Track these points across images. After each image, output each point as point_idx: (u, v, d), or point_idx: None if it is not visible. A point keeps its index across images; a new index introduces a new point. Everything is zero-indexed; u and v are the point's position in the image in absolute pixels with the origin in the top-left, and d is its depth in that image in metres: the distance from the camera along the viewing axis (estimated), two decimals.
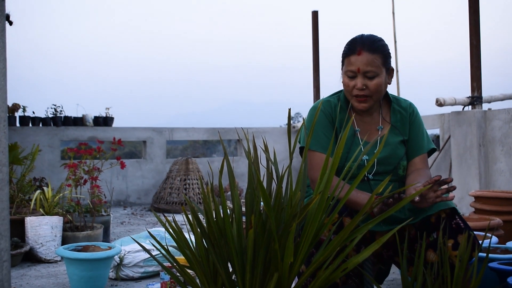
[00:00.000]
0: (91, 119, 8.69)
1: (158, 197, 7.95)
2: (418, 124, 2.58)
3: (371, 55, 2.38)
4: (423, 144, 2.55)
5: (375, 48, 2.40)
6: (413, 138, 2.55)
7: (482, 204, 4.27)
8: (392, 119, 2.56)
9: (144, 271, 3.58)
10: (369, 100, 2.43)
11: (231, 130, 9.57)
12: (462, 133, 6.29)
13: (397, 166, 2.49)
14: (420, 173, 2.46)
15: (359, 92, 2.41)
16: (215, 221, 1.68)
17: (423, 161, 2.53)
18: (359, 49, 2.39)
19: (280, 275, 1.64)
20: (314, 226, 1.68)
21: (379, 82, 2.40)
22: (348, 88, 2.45)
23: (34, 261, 4.21)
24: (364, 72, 2.38)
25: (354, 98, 2.44)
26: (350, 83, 2.43)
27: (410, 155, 2.54)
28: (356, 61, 2.39)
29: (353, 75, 2.41)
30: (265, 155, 1.84)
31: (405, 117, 2.56)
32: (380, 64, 2.40)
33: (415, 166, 2.52)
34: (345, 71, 2.45)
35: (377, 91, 2.42)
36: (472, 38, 6.40)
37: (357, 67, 2.38)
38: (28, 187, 5.01)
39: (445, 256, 1.97)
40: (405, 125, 2.56)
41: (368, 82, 2.39)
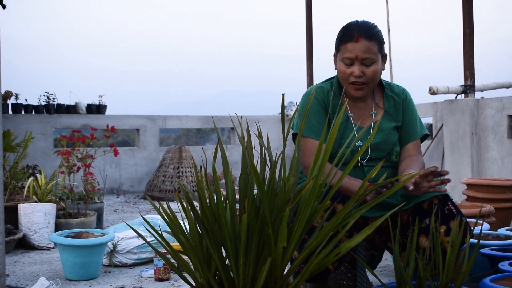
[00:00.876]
0: (84, 107, 8.66)
1: (152, 185, 7.95)
2: (411, 110, 2.58)
3: (368, 42, 2.36)
4: (416, 130, 2.55)
5: (372, 35, 2.38)
6: (406, 124, 2.55)
7: (474, 192, 4.30)
8: (386, 105, 2.56)
9: (137, 258, 3.59)
10: (365, 88, 2.43)
11: (225, 118, 9.56)
12: (455, 121, 6.32)
13: (390, 152, 2.49)
14: (413, 159, 2.47)
15: (356, 79, 2.39)
16: (209, 206, 1.68)
17: (416, 147, 2.54)
18: (356, 36, 2.36)
19: (274, 259, 1.65)
20: (307, 211, 1.69)
21: (376, 69, 2.40)
22: (344, 75, 2.42)
23: (27, 248, 4.21)
24: (362, 60, 2.36)
25: (351, 86, 2.43)
26: (347, 70, 2.40)
27: (403, 141, 2.55)
28: (354, 49, 2.36)
29: (351, 62, 2.39)
30: (258, 142, 1.85)
31: (398, 103, 2.56)
32: (376, 51, 2.39)
33: (408, 152, 2.53)
34: (341, 58, 2.41)
35: (373, 78, 2.41)
36: (466, 27, 6.41)
37: (355, 55, 2.36)
38: (21, 174, 5.00)
39: (437, 242, 1.99)
40: (398, 111, 2.56)
41: (365, 69, 2.38)
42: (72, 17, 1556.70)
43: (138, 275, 3.36)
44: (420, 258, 1.91)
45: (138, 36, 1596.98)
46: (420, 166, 2.42)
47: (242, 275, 1.67)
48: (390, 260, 3.60)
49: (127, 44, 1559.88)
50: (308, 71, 9.49)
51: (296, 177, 1.79)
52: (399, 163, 2.52)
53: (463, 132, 6.22)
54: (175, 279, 3.25)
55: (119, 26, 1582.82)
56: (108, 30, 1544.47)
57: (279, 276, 1.71)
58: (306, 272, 1.70)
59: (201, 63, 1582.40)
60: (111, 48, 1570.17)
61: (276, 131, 9.58)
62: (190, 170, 7.93)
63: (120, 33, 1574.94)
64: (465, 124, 6.20)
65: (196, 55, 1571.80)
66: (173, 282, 3.21)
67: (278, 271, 1.70)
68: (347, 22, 2.50)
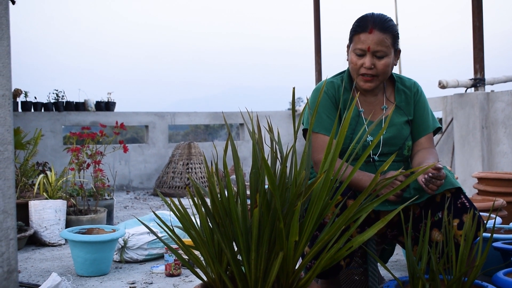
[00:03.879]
0: (93, 104, 8.68)
1: (161, 182, 7.96)
2: (423, 103, 2.55)
3: (382, 35, 2.35)
4: (429, 123, 2.53)
5: (386, 28, 2.37)
6: (418, 117, 2.53)
7: (485, 186, 4.27)
8: (397, 99, 2.53)
9: (148, 254, 3.59)
10: (375, 80, 2.41)
11: (233, 114, 9.56)
12: (464, 115, 6.28)
13: (402, 146, 2.48)
14: (428, 151, 2.45)
15: (366, 71, 2.38)
16: (220, 201, 1.67)
17: (429, 140, 2.52)
18: (370, 28, 2.35)
19: (285, 254, 1.64)
20: (319, 205, 1.68)
21: (387, 63, 2.38)
22: (355, 66, 2.41)
23: (38, 244, 4.23)
24: (374, 51, 2.35)
25: (360, 77, 2.41)
26: (358, 61, 2.39)
27: (416, 135, 2.53)
28: (367, 40, 2.35)
29: (362, 53, 2.37)
30: (269, 137, 1.84)
31: (409, 97, 2.54)
32: (390, 44, 2.37)
33: (421, 146, 2.51)
34: (353, 48, 2.40)
35: (384, 71, 2.39)
36: (475, 20, 6.36)
37: (368, 46, 2.35)
38: (31, 171, 5.02)
39: (450, 235, 1.97)
40: (409, 105, 2.54)
41: (376, 62, 2.37)
42: (81, 14, 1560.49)
43: (149, 271, 3.37)
44: (433, 252, 1.89)
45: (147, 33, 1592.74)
46: (436, 158, 2.40)
47: (253, 269, 1.67)
48: (402, 255, 3.58)
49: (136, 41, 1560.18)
50: (316, 66, 9.46)
51: (307, 171, 1.78)
52: (413, 157, 2.50)
53: (473, 126, 6.18)
54: (186, 275, 3.25)
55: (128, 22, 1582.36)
56: (117, 27, 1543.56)
57: (290, 271, 1.70)
58: (317, 267, 1.69)
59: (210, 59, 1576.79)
60: (120, 45, 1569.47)
61: (286, 127, 9.56)
62: (199, 166, 7.93)
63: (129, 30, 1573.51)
64: (475, 118, 6.16)
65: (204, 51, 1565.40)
66: (184, 277, 3.21)
67: (289, 266, 1.69)
68: (356, 15, 2.51)
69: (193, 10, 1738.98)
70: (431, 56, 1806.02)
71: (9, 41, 1.17)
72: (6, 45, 1.11)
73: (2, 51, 1.13)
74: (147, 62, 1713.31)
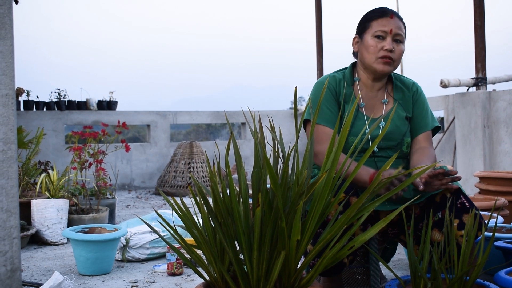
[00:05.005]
0: (95, 103, 8.69)
1: (163, 181, 7.97)
2: (422, 102, 2.57)
3: (400, 22, 2.46)
4: (427, 121, 2.54)
5: (401, 18, 2.49)
6: (417, 115, 2.55)
7: (487, 185, 4.27)
8: (395, 95, 2.56)
9: (150, 253, 3.60)
10: (391, 64, 2.45)
11: (235, 113, 9.56)
12: (466, 114, 6.28)
13: (401, 142, 2.49)
14: (424, 153, 2.46)
15: (386, 54, 2.42)
16: (222, 200, 1.68)
17: (427, 138, 2.53)
18: (391, 13, 2.44)
19: (287, 253, 1.65)
20: (321, 204, 1.68)
21: (403, 49, 2.47)
22: (375, 49, 2.44)
23: (40, 243, 4.24)
24: (395, 35, 2.43)
25: (380, 60, 2.43)
26: (378, 44, 2.43)
27: (414, 133, 2.54)
28: (389, 23, 2.42)
29: (384, 36, 2.43)
30: (270, 136, 1.84)
31: (408, 96, 2.57)
32: (404, 33, 2.48)
33: (419, 144, 2.52)
34: (373, 32, 2.44)
35: (400, 57, 2.46)
36: (477, 19, 6.36)
37: (390, 28, 2.41)
38: (33, 170, 5.03)
39: (452, 235, 1.98)
40: (408, 103, 2.56)
41: (395, 46, 2.44)
42: (83, 13, 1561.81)
43: (151, 270, 3.37)
44: (434, 251, 1.90)
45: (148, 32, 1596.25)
46: (431, 160, 2.41)
47: (255, 268, 1.67)
48: (403, 254, 3.58)
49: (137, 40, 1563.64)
50: (318, 65, 9.46)
51: (309, 170, 1.78)
52: (411, 155, 2.51)
53: (475, 125, 6.18)
54: (188, 274, 3.25)
55: (130, 22, 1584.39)
56: (118, 26, 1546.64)
57: (292, 270, 1.70)
58: (320, 265, 1.69)
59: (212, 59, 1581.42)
60: (121, 44, 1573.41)
61: (287, 126, 9.56)
62: (201, 165, 7.94)
63: (131, 29, 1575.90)
64: (477, 117, 6.16)
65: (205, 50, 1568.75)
66: (185, 276, 3.21)
67: (292, 265, 1.69)
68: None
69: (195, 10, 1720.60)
70: (432, 55, 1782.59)
71: (13, 41, 1.18)
72: (10, 44, 1.12)
73: (6, 51, 1.13)
74: (149, 61, 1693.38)
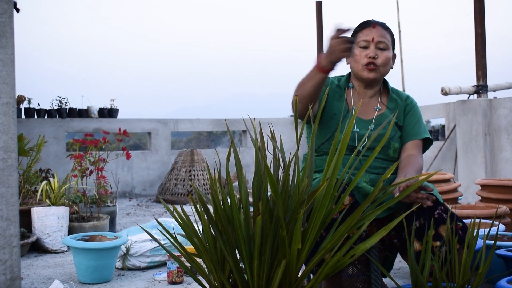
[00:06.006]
0: (96, 110, 8.70)
1: (164, 188, 7.96)
2: (415, 113, 2.65)
3: (383, 30, 2.55)
4: (419, 131, 2.61)
5: (386, 27, 2.59)
6: (409, 124, 2.62)
7: (489, 193, 4.26)
8: (388, 105, 2.64)
9: (150, 261, 3.59)
10: (377, 71, 2.53)
11: (236, 121, 9.57)
12: (467, 122, 6.27)
13: (387, 145, 2.55)
14: (410, 161, 2.51)
15: (369, 60, 2.50)
16: (223, 209, 1.67)
17: (416, 146, 2.58)
18: (373, 24, 2.55)
19: (288, 261, 1.64)
20: (322, 212, 1.68)
21: (388, 56, 2.53)
22: (359, 58, 2.53)
23: (40, 251, 4.23)
24: (377, 42, 2.51)
25: (364, 67, 2.52)
26: (362, 53, 2.53)
27: (404, 139, 2.61)
28: (371, 32, 2.52)
29: (366, 45, 2.52)
30: (271, 144, 1.84)
31: (400, 106, 2.64)
32: (390, 40, 2.56)
33: (407, 151, 2.57)
34: (358, 42, 2.54)
35: (385, 63, 2.53)
36: (477, 27, 6.37)
37: (372, 37, 2.51)
38: (34, 178, 5.03)
39: (453, 243, 1.97)
40: (400, 112, 2.63)
41: (379, 53, 2.52)
42: (84, 21, 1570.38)
43: (151, 278, 3.36)
44: (436, 260, 1.89)
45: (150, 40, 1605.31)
46: (416, 167, 2.47)
47: (256, 277, 1.66)
48: (405, 262, 3.57)
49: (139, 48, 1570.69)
50: None
51: (310, 179, 1.78)
52: (399, 162, 2.54)
53: (476, 132, 6.17)
54: (188, 282, 3.24)
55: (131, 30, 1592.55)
56: (120, 34, 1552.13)
57: (293, 279, 1.69)
58: (320, 274, 1.69)
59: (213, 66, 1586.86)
60: (122, 52, 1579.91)
61: (288, 133, 9.56)
62: (202, 173, 7.93)
63: (132, 37, 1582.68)
64: (478, 125, 6.15)
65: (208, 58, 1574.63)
66: (186, 285, 3.20)
67: (292, 273, 1.68)
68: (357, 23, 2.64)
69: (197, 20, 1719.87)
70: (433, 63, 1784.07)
71: (13, 49, 1.18)
72: (10, 53, 1.12)
73: (7, 59, 1.13)
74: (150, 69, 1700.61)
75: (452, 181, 4.40)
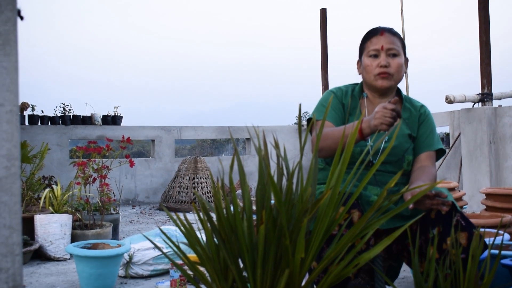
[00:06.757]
0: (100, 118, 8.71)
1: (167, 196, 7.95)
2: (429, 124, 2.60)
3: (392, 36, 2.50)
4: (432, 142, 2.56)
5: (395, 33, 2.54)
6: (422, 135, 2.57)
7: (494, 201, 4.24)
8: (402, 115, 2.57)
9: (153, 269, 3.58)
10: (390, 79, 2.49)
11: (240, 129, 9.56)
12: (472, 130, 6.26)
13: (401, 158, 2.50)
14: (424, 171, 2.46)
15: (382, 70, 2.47)
16: (226, 217, 1.66)
17: (430, 158, 2.53)
18: (381, 31, 2.50)
19: (291, 271, 1.63)
20: (325, 221, 1.67)
21: (400, 62, 2.49)
22: (371, 68, 2.50)
23: (43, 259, 4.22)
24: (387, 50, 2.47)
25: (377, 76, 2.49)
26: (373, 62, 2.49)
27: (417, 151, 2.56)
28: (380, 40, 2.48)
29: (376, 54, 2.48)
30: (275, 152, 1.83)
31: (414, 116, 2.59)
32: (400, 46, 2.51)
33: (421, 163, 2.52)
34: (367, 51, 2.51)
35: (398, 70, 2.49)
36: (482, 35, 6.36)
37: (381, 45, 2.47)
38: (37, 185, 5.03)
39: (458, 252, 1.95)
40: (413, 123, 2.58)
41: (390, 60, 2.48)
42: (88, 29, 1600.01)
43: (154, 286, 3.35)
44: (440, 269, 1.87)
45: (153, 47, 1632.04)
46: (430, 178, 2.41)
47: (259, 286, 1.65)
48: (409, 272, 3.55)
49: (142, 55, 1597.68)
50: (323, 81, 9.47)
51: (314, 187, 1.77)
52: (411, 173, 2.51)
53: (480, 140, 6.15)
54: None
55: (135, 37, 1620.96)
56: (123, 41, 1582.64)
57: None
58: (324, 284, 1.67)
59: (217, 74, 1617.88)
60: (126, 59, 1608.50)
61: (292, 141, 9.56)
62: (205, 181, 7.92)
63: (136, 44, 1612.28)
64: (482, 133, 6.13)
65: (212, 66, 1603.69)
66: None
67: (296, 283, 1.67)
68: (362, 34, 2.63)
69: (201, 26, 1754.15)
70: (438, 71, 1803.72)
71: (17, 57, 1.18)
72: (14, 61, 1.12)
73: (10, 67, 1.13)
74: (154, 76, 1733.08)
75: (457, 190, 4.38)
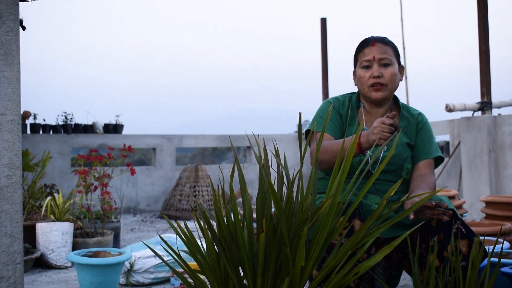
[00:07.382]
0: (101, 126, 8.72)
1: (168, 204, 7.96)
2: (426, 132, 2.60)
3: (383, 46, 2.50)
4: (431, 150, 2.57)
5: (387, 42, 2.53)
6: (420, 143, 2.58)
7: (493, 210, 4.25)
8: (400, 123, 2.59)
9: (154, 277, 3.58)
10: (384, 89, 2.49)
11: (240, 137, 9.58)
12: (472, 138, 6.27)
13: (400, 167, 2.51)
14: (423, 179, 2.47)
15: (375, 80, 2.47)
16: (226, 225, 1.68)
17: (428, 166, 2.54)
18: (372, 41, 2.50)
19: (291, 279, 1.64)
20: (325, 230, 1.68)
21: (393, 71, 2.49)
22: (364, 79, 2.51)
23: (44, 267, 4.23)
24: (379, 60, 2.47)
25: (371, 88, 2.50)
26: (366, 74, 2.50)
27: (416, 159, 2.57)
28: (371, 51, 2.49)
29: (369, 65, 2.49)
30: (275, 161, 1.84)
31: (412, 124, 2.60)
32: (393, 55, 2.50)
33: (419, 171, 2.53)
34: (360, 63, 2.52)
35: (391, 80, 2.49)
36: (481, 44, 6.38)
37: (373, 55, 2.47)
38: (39, 193, 5.04)
39: (458, 260, 1.96)
40: (411, 131, 2.59)
41: (383, 71, 2.48)
42: (89, 37, 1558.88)
43: None
44: (440, 277, 1.89)
45: (154, 56, 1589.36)
46: (430, 187, 2.42)
47: None
48: (409, 280, 3.55)
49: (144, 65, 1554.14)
50: (323, 89, 9.49)
51: (314, 196, 1.78)
52: (411, 181, 2.52)
53: (480, 149, 6.17)
54: None
55: (136, 46, 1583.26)
56: (125, 50, 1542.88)
57: None
58: None
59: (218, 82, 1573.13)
60: (128, 68, 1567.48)
61: (292, 150, 9.57)
62: (206, 189, 7.93)
63: (137, 53, 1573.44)
64: (482, 141, 6.15)
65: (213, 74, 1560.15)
66: None
67: None
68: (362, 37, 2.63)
69: (201, 33, 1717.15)
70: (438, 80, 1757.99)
71: (19, 67, 1.20)
72: (16, 70, 1.14)
73: (12, 77, 1.15)
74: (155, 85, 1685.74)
75: (457, 198, 4.39)
